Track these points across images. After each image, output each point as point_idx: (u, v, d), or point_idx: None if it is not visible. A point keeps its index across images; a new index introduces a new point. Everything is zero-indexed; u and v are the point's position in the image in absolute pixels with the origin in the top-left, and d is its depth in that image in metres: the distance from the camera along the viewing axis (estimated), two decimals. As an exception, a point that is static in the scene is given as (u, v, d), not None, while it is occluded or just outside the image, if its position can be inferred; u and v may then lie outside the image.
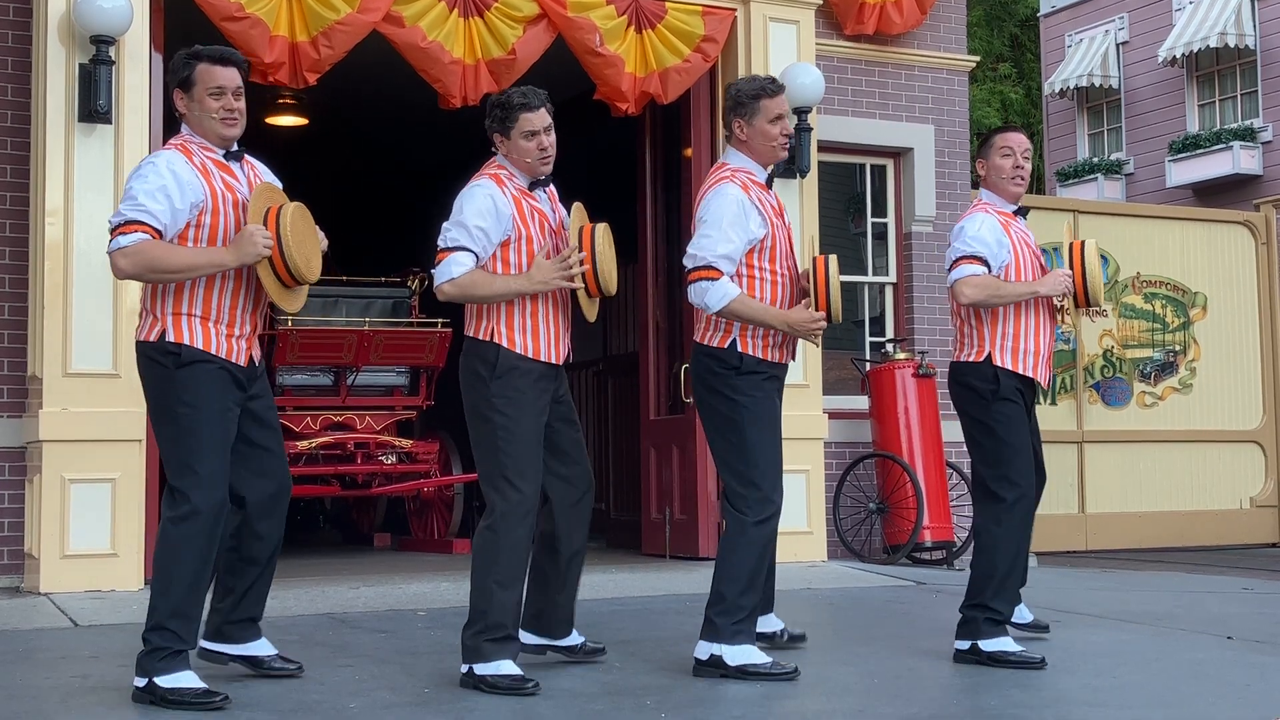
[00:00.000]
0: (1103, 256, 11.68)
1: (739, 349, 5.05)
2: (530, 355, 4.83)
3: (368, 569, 8.54)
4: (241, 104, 4.60)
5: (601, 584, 7.43)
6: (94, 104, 7.20)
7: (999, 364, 5.44)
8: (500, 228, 4.83)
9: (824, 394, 8.98)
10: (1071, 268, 5.57)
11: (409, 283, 10.42)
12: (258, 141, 5.02)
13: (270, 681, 4.80)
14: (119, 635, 5.85)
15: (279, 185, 4.77)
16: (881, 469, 9.24)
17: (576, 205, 5.07)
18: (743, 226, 4.99)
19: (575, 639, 5.18)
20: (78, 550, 7.07)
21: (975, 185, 5.75)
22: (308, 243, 4.58)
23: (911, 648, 5.65)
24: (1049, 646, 5.71)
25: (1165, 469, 11.83)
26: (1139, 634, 6.12)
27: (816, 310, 5.06)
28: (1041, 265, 5.65)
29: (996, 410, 5.43)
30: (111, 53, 7.25)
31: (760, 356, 5.07)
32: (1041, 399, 11.27)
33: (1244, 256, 12.36)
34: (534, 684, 4.64)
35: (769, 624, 5.46)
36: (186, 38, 8.08)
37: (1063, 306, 5.60)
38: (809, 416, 8.56)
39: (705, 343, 5.14)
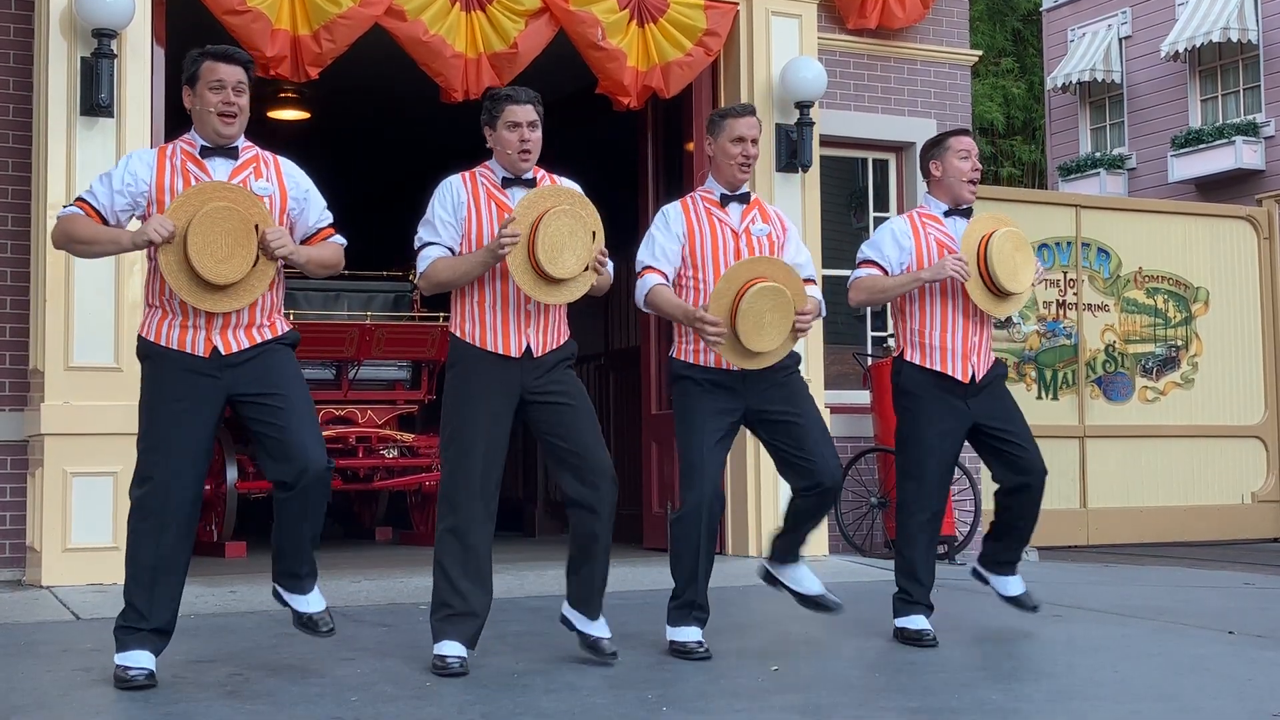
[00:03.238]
0: (1105, 251, 11.75)
1: (675, 354, 5.41)
2: (477, 344, 4.93)
3: (369, 563, 8.54)
4: (242, 100, 4.67)
5: (603, 578, 7.41)
6: (96, 98, 7.20)
7: (909, 359, 5.65)
8: (456, 215, 4.96)
9: (825, 388, 8.98)
10: (980, 257, 5.57)
11: (410, 276, 10.42)
12: (259, 135, 5.03)
13: (271, 675, 4.81)
14: (121, 628, 5.85)
15: (301, 184, 4.82)
16: (883, 464, 9.24)
17: (541, 189, 4.96)
18: (664, 233, 5.33)
19: (589, 628, 5.12)
20: (79, 544, 7.08)
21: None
22: (220, 242, 4.46)
23: (913, 642, 5.65)
24: (1051, 642, 5.72)
25: (1167, 464, 11.82)
26: (1140, 628, 6.12)
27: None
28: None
29: (900, 405, 5.69)
30: (113, 46, 7.25)
31: (690, 361, 5.34)
32: (1043, 394, 11.29)
33: (1246, 251, 12.36)
34: (457, 662, 4.77)
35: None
36: (188, 32, 8.13)
37: (996, 296, 5.61)
38: (810, 411, 8.56)
39: None
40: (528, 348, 4.95)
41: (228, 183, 4.63)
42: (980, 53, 11.33)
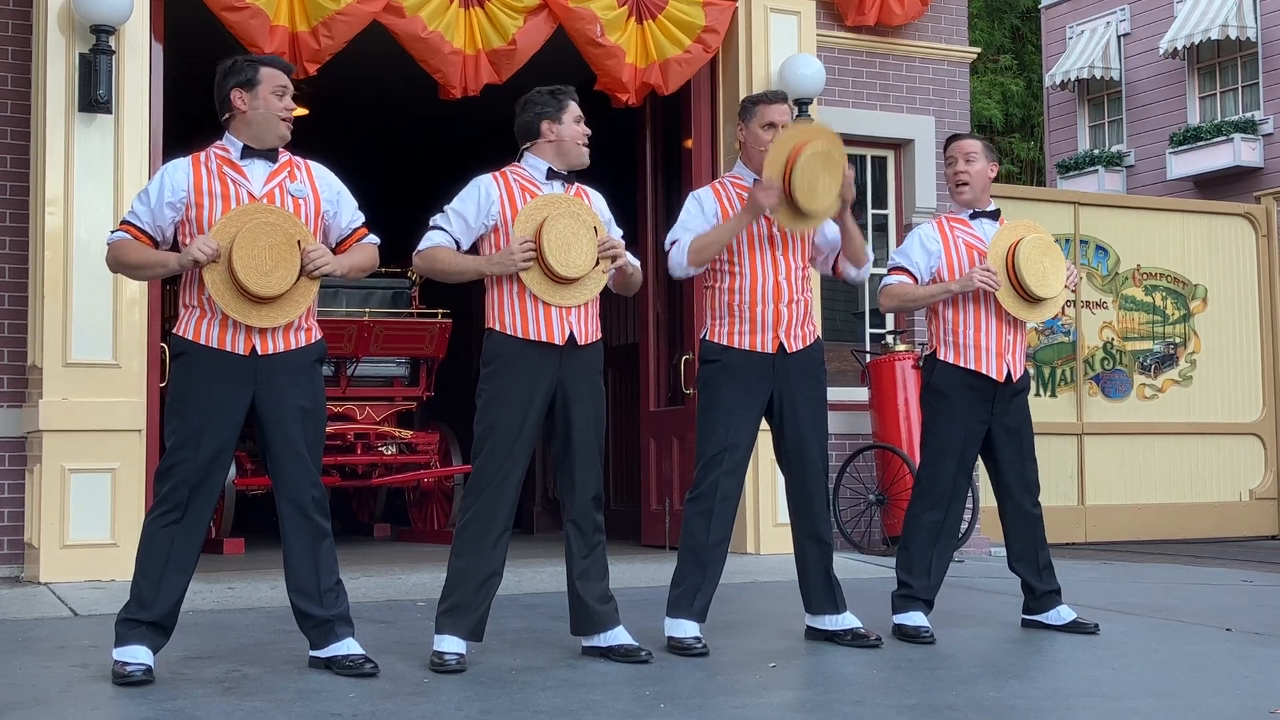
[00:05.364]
0: (1103, 248, 11.75)
1: (707, 338, 5.42)
2: (520, 335, 4.95)
3: (367, 559, 8.55)
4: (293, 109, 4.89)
5: (601, 575, 7.42)
6: (94, 93, 7.20)
7: (943, 358, 5.74)
8: (480, 214, 5.00)
9: (824, 385, 8.97)
10: (1009, 264, 5.69)
11: (409, 273, 10.41)
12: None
13: (269, 671, 4.81)
14: (119, 625, 5.85)
15: (333, 187, 4.89)
16: (881, 460, 9.25)
17: (544, 197, 5.03)
18: (698, 215, 5.41)
19: (604, 640, 5.13)
20: (77, 540, 7.08)
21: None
22: (263, 256, 4.58)
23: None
24: (1048, 639, 5.72)
25: (1165, 461, 11.83)
26: (1138, 625, 6.13)
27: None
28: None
29: (928, 404, 5.78)
30: (112, 42, 7.24)
31: (724, 343, 5.34)
32: (1041, 391, 11.29)
33: (1244, 249, 12.37)
34: (455, 659, 4.81)
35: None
36: (186, 28, 8.13)
37: (1023, 298, 5.71)
38: (809, 408, 8.56)
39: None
40: (571, 335, 5.01)
41: (270, 205, 4.72)
42: (979, 50, 11.33)
